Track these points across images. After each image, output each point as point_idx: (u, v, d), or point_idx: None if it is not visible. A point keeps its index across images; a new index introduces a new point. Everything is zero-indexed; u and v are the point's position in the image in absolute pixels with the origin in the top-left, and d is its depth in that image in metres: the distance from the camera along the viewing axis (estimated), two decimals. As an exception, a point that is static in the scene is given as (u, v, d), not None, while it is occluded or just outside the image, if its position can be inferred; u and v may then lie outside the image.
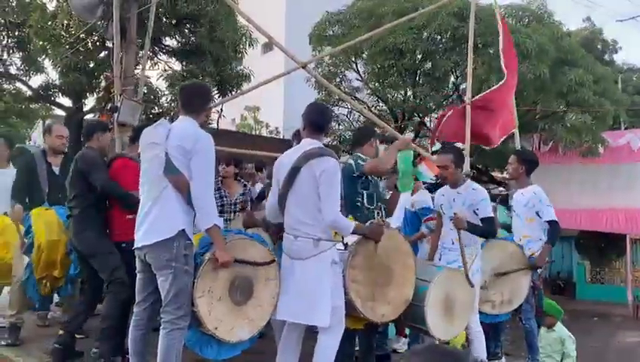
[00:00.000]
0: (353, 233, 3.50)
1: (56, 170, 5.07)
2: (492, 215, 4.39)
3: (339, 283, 3.49)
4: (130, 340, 3.49)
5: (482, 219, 4.33)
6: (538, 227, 5.07)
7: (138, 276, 3.46)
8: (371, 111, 12.52)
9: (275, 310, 3.50)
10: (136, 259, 3.42)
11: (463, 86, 10.83)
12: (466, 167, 4.88)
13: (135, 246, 3.34)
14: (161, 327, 3.25)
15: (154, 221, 3.24)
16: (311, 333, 3.75)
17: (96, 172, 4.12)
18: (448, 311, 4.05)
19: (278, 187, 3.61)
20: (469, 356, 1.29)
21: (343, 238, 3.56)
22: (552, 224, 5.00)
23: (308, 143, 3.58)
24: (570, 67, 11.61)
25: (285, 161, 3.60)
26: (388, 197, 5.57)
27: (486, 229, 4.35)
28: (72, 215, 4.24)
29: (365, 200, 4.07)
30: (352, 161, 4.09)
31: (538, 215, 5.04)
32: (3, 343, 4.61)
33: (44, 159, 5.05)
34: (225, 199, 5.31)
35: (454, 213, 4.22)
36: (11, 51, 10.87)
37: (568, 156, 12.97)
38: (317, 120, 3.69)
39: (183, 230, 3.23)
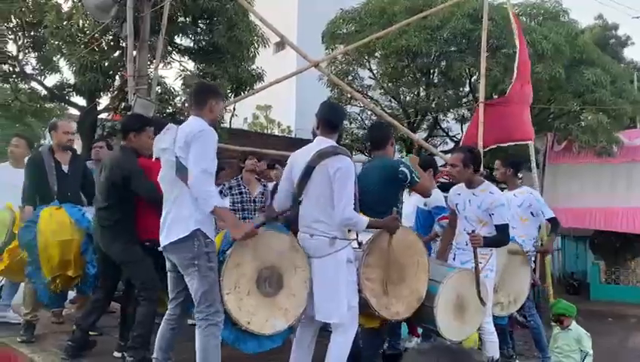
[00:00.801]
0: (368, 227, 3.47)
1: (65, 168, 4.97)
2: (507, 221, 4.25)
3: (353, 283, 3.50)
4: (158, 334, 3.54)
5: (497, 226, 4.19)
6: (531, 226, 5.31)
7: (169, 275, 3.54)
8: (384, 109, 12.49)
9: (309, 298, 3.48)
10: (166, 259, 3.50)
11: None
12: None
13: (161, 247, 3.41)
14: (196, 326, 3.30)
15: (172, 222, 3.33)
16: (324, 331, 3.75)
17: (137, 179, 3.93)
18: (460, 312, 4.01)
19: (291, 182, 3.62)
20: (477, 355, 1.29)
21: (357, 236, 3.55)
22: (554, 220, 5.31)
23: (322, 141, 3.58)
24: (586, 66, 11.49)
25: (300, 158, 3.61)
26: None
27: (500, 239, 4.22)
28: (101, 223, 4.09)
29: (399, 206, 4.14)
30: (406, 170, 3.95)
31: (532, 215, 5.23)
32: (18, 340, 4.67)
33: (52, 157, 4.94)
34: (244, 196, 5.34)
35: (472, 231, 4.14)
36: (27, 51, 10.96)
37: (583, 155, 12.83)
38: (330, 118, 3.68)
39: (199, 229, 3.26)
